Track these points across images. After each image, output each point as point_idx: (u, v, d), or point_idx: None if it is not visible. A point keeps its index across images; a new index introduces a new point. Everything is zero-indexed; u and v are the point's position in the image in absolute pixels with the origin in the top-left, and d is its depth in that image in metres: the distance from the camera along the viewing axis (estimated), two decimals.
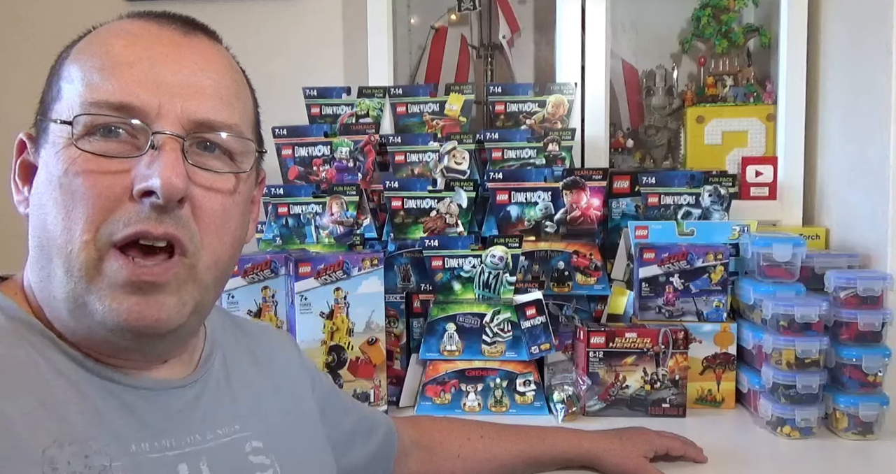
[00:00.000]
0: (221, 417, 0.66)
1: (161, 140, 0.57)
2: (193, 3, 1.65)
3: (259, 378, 0.74)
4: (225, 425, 0.65)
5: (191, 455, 0.60)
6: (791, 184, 1.50)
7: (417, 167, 1.42)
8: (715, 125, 1.57)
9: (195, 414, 0.64)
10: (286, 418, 0.73)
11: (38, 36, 1.75)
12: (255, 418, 0.69)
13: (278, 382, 0.76)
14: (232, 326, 0.78)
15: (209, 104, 0.60)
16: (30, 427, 0.52)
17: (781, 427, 1.13)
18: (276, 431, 0.70)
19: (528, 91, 1.47)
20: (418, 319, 1.34)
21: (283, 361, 0.79)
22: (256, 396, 0.71)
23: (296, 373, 0.80)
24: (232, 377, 0.70)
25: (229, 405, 0.68)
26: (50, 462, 0.52)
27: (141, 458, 0.57)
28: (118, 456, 0.55)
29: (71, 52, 0.61)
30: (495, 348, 1.26)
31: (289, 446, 0.71)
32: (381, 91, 1.49)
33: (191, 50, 0.61)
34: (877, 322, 1.13)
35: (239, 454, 0.65)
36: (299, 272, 1.19)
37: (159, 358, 0.63)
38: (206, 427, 0.64)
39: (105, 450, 0.55)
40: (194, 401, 0.64)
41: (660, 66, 1.69)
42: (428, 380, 1.27)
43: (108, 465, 0.54)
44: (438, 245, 1.30)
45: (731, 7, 1.62)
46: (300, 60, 1.64)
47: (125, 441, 0.57)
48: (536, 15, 1.77)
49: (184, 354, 0.67)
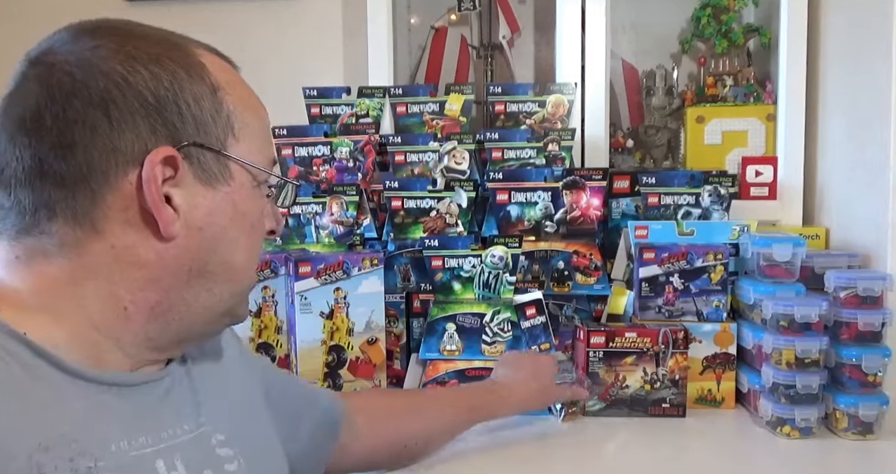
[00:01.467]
0: (187, 412, 0.66)
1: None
2: (193, 4, 1.66)
3: (212, 368, 0.73)
4: (191, 420, 0.65)
5: (165, 451, 0.60)
6: (791, 184, 1.50)
7: (417, 167, 1.42)
8: (715, 125, 1.56)
9: (166, 410, 0.63)
10: (239, 408, 0.74)
11: (36, 36, 1.74)
12: (213, 411, 0.68)
13: (228, 372, 0.76)
14: None
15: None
16: (12, 432, 0.51)
17: (781, 427, 1.13)
18: (233, 422, 0.70)
19: (528, 91, 1.47)
20: (418, 319, 1.34)
21: (229, 351, 0.78)
22: (213, 389, 0.71)
23: (240, 360, 0.80)
24: (191, 371, 0.70)
25: (192, 398, 0.68)
26: (38, 467, 0.51)
27: (122, 457, 0.56)
28: (102, 456, 0.55)
29: (228, 92, 0.64)
30: (495, 348, 1.26)
31: (245, 436, 0.71)
32: (381, 91, 1.49)
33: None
34: (877, 322, 1.13)
35: (207, 447, 0.65)
36: (299, 272, 1.19)
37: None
38: (176, 422, 0.63)
39: (89, 451, 0.54)
40: (165, 397, 0.64)
41: (660, 66, 1.69)
42: (428, 380, 1.27)
43: (93, 466, 0.53)
44: (438, 245, 1.30)
45: (731, 7, 1.62)
46: (300, 60, 1.64)
47: (106, 441, 0.56)
48: (536, 15, 1.77)
49: None
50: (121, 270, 0.59)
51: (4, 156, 0.58)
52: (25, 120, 0.58)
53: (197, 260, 0.62)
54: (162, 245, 0.60)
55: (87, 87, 0.57)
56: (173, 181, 0.59)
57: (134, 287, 0.60)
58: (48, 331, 0.57)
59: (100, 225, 0.58)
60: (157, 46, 0.61)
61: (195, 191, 0.61)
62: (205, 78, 0.62)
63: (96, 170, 0.57)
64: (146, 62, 0.59)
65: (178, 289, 0.62)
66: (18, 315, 0.57)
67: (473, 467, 1.03)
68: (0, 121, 0.59)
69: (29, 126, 0.57)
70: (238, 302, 0.68)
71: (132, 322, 0.61)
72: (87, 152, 0.57)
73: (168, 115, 0.59)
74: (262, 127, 0.67)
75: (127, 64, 0.58)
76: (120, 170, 0.58)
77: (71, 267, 0.59)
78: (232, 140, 0.63)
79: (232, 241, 0.64)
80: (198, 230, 0.61)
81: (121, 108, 0.58)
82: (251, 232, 0.66)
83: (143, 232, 0.59)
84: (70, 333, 0.58)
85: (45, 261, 0.59)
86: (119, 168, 0.58)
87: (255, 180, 0.65)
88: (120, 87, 0.58)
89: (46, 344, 0.56)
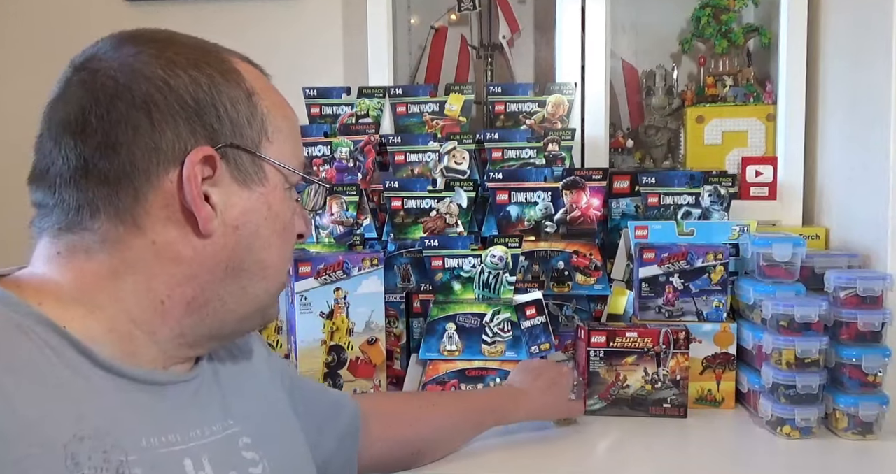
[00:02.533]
0: (215, 412, 0.67)
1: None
2: (193, 3, 1.66)
3: (240, 372, 0.75)
4: (219, 421, 0.66)
5: (194, 450, 0.61)
6: (791, 184, 1.50)
7: (417, 167, 1.42)
8: (715, 125, 1.56)
9: (195, 410, 0.65)
10: (266, 411, 0.74)
11: (36, 36, 1.74)
12: (241, 413, 0.70)
13: (257, 375, 0.77)
14: None
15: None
16: (49, 421, 0.53)
17: (781, 427, 1.13)
18: (259, 425, 0.71)
19: (528, 91, 1.47)
20: (418, 319, 1.34)
21: (257, 354, 0.80)
22: (240, 391, 0.72)
23: (266, 366, 0.81)
24: (219, 372, 0.72)
25: (220, 400, 0.69)
26: (72, 457, 0.52)
27: (152, 453, 0.58)
28: (133, 450, 0.56)
29: (262, 98, 0.66)
30: (495, 348, 1.26)
31: (272, 439, 0.72)
32: (381, 91, 1.49)
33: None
34: (877, 322, 1.13)
35: (234, 449, 0.66)
36: (299, 272, 1.19)
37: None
38: (205, 422, 0.65)
39: (120, 445, 0.55)
40: (194, 397, 0.66)
41: (660, 66, 1.69)
42: (428, 380, 1.27)
43: (124, 460, 0.55)
44: (438, 245, 1.30)
45: (731, 7, 1.62)
46: (300, 60, 1.64)
47: (136, 435, 0.57)
48: (536, 15, 1.77)
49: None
50: (160, 265, 0.62)
51: (50, 156, 0.61)
52: (71, 122, 0.60)
53: (233, 257, 0.64)
54: (200, 242, 0.62)
55: (130, 90, 0.60)
56: (211, 180, 0.62)
57: (172, 282, 0.62)
58: (87, 325, 0.59)
59: (141, 221, 0.61)
60: (196, 52, 0.64)
61: (232, 191, 0.64)
62: (241, 83, 0.65)
63: (139, 168, 0.60)
64: (186, 67, 0.62)
65: (214, 285, 0.64)
66: (60, 308, 0.59)
67: (473, 466, 1.03)
68: (45, 124, 0.62)
69: (74, 128, 0.60)
70: (271, 302, 0.70)
71: (168, 316, 0.63)
72: (130, 151, 0.60)
73: (207, 117, 0.62)
74: (293, 131, 0.69)
75: (168, 68, 0.61)
76: (161, 169, 0.60)
77: (111, 262, 0.61)
78: (266, 142, 0.66)
79: (266, 241, 0.66)
80: (234, 229, 0.64)
81: (162, 109, 0.60)
82: (283, 232, 0.68)
83: (183, 228, 0.62)
84: (108, 327, 0.60)
85: (87, 256, 0.61)
86: (160, 167, 0.60)
87: (287, 182, 0.68)
88: (161, 91, 0.61)
89: (85, 338, 0.58)
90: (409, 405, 1.04)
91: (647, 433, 1.16)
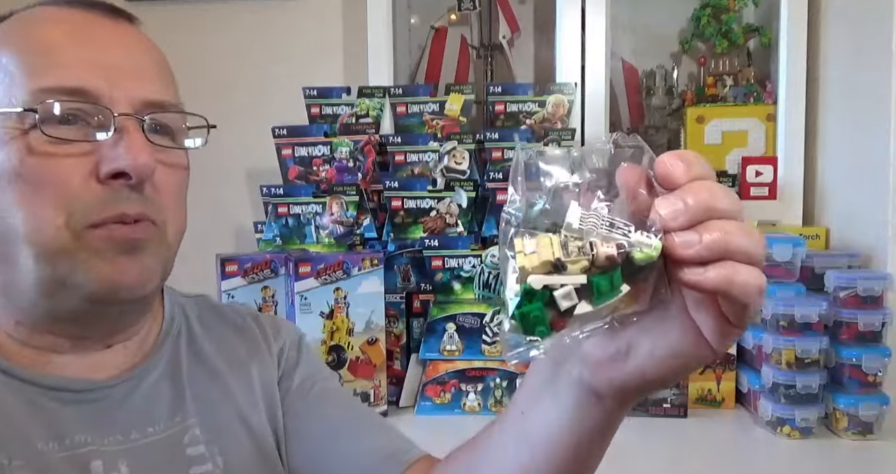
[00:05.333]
0: (156, 413, 0.63)
1: (122, 122, 0.57)
2: (194, 4, 1.66)
3: (220, 365, 0.70)
4: (160, 421, 0.63)
5: (107, 453, 0.59)
6: (791, 184, 1.50)
7: (417, 167, 1.42)
8: (715, 125, 1.56)
9: (118, 415, 0.62)
10: (242, 408, 0.69)
11: None
12: (203, 408, 0.66)
13: (243, 370, 0.71)
14: (213, 315, 0.75)
15: (155, 85, 0.61)
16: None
17: (781, 427, 1.13)
18: (224, 424, 0.67)
19: (528, 91, 1.47)
20: (418, 319, 1.34)
21: (262, 348, 0.74)
22: (212, 384, 0.68)
23: (277, 360, 0.75)
24: (187, 367, 0.68)
25: (170, 399, 0.65)
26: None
27: (48, 457, 0.56)
28: (19, 454, 0.54)
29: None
30: (495, 348, 1.26)
31: (236, 436, 0.67)
32: (381, 91, 1.49)
33: (125, 34, 0.62)
34: (877, 322, 1.13)
35: (175, 449, 0.63)
36: (299, 272, 1.19)
37: (115, 333, 0.63)
38: (133, 426, 0.62)
39: (4, 449, 0.54)
40: (120, 401, 0.62)
41: (660, 66, 1.69)
42: (428, 380, 1.27)
43: (6, 463, 0.53)
44: (438, 245, 1.30)
45: (731, 7, 1.62)
46: (300, 60, 1.64)
47: (30, 439, 0.56)
48: (536, 15, 1.77)
49: (131, 339, 0.65)
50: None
51: None
52: None
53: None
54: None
55: None
56: None
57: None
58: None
59: None
60: None
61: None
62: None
63: None
64: None
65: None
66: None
67: None
68: None
69: None
70: (54, 268, 0.56)
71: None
72: None
73: None
74: (28, 52, 0.57)
75: None
76: None
77: None
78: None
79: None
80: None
81: None
82: (16, 181, 0.56)
83: None
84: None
85: None
86: None
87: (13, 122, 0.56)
88: None
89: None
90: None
91: (647, 433, 1.16)
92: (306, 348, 0.79)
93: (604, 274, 0.38)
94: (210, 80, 1.59)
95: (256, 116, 1.52)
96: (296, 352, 0.77)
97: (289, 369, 0.76)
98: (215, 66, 1.61)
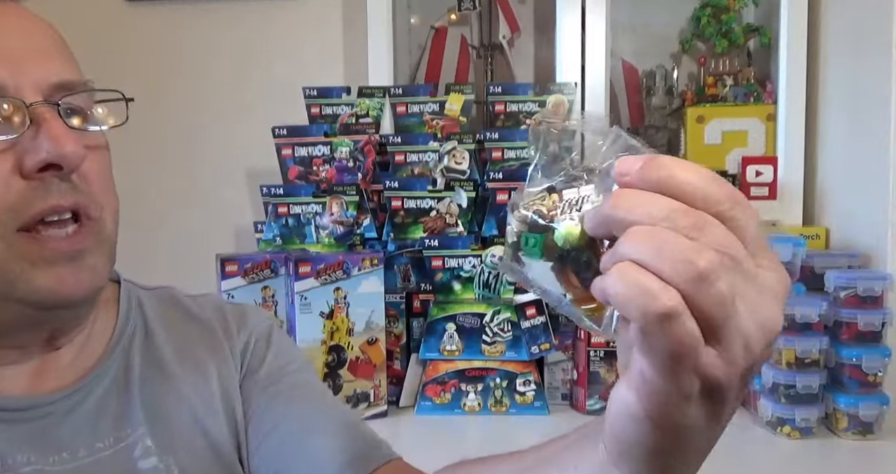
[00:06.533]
0: (105, 427, 0.61)
1: (36, 111, 0.53)
2: (193, 4, 1.66)
3: (175, 372, 0.66)
4: (109, 435, 0.60)
5: (49, 473, 0.57)
6: (791, 184, 1.50)
7: (417, 167, 1.42)
8: (715, 125, 1.56)
9: (63, 432, 0.59)
10: (194, 421, 0.65)
11: None
12: (155, 417, 0.63)
13: (199, 375, 0.67)
14: (174, 311, 0.71)
15: (58, 65, 0.57)
16: None
17: (781, 427, 1.13)
18: (178, 432, 0.64)
19: (528, 91, 1.47)
20: (418, 319, 1.34)
21: (223, 352, 0.70)
22: (165, 393, 0.65)
23: (239, 361, 0.70)
24: (140, 372, 0.64)
25: (119, 409, 0.62)
26: None
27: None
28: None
29: None
30: (495, 348, 1.26)
31: (192, 444, 0.64)
32: (381, 91, 1.49)
33: (16, 15, 0.57)
34: (877, 322, 1.13)
35: (125, 464, 0.60)
36: (299, 272, 1.19)
37: (61, 335, 0.61)
38: (80, 443, 0.59)
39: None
40: (65, 417, 0.60)
41: (660, 66, 1.69)
42: (428, 380, 1.27)
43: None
44: (438, 245, 1.30)
45: (731, 7, 1.62)
46: (300, 60, 1.64)
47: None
48: (536, 15, 1.77)
49: (82, 334, 0.63)
50: None
51: None
52: None
53: None
54: None
55: None
56: None
57: None
58: None
59: None
60: None
61: None
62: None
63: None
64: None
65: None
66: None
67: None
68: None
69: None
70: (3, 279, 0.53)
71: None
72: None
73: None
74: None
75: None
76: None
77: None
78: None
79: None
80: None
81: None
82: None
83: None
84: None
85: None
86: None
87: None
88: None
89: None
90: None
91: None
92: (277, 338, 0.74)
93: (535, 233, 0.42)
94: (210, 79, 1.59)
95: (256, 116, 1.52)
96: (264, 344, 0.72)
97: (254, 364, 0.71)
98: (215, 66, 1.61)
